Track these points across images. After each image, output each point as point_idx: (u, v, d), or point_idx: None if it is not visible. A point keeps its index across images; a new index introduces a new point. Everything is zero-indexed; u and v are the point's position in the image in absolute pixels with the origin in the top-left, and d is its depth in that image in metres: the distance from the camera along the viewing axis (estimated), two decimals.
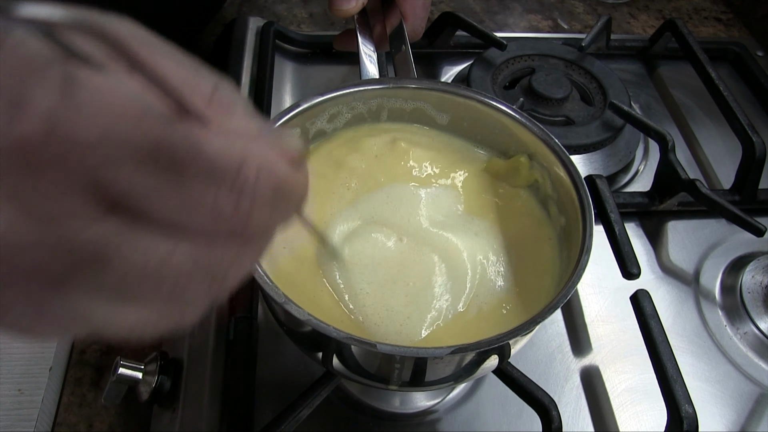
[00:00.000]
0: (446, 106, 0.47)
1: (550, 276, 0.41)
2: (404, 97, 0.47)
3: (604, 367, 0.50)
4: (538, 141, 0.44)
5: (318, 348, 0.38)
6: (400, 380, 0.36)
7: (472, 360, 0.35)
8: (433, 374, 0.36)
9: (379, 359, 0.35)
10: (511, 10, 0.87)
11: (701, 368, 0.51)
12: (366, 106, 0.47)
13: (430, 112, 0.48)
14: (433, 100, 0.47)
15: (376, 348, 0.32)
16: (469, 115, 0.47)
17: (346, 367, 0.37)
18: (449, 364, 0.35)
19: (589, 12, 0.88)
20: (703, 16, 0.88)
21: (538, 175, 0.45)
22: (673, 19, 0.73)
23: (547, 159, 0.43)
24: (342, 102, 0.46)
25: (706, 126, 0.71)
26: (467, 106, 0.46)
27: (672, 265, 0.58)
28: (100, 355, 0.50)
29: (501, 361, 0.39)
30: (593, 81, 0.69)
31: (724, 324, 0.54)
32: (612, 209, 0.54)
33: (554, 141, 0.43)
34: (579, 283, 0.54)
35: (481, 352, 0.34)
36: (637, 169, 0.66)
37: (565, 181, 0.41)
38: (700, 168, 0.67)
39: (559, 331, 0.52)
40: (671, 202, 0.60)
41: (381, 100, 0.47)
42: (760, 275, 0.55)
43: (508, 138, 0.46)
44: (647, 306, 0.48)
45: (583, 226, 0.38)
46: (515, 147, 0.46)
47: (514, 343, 0.37)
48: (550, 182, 0.44)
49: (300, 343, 0.40)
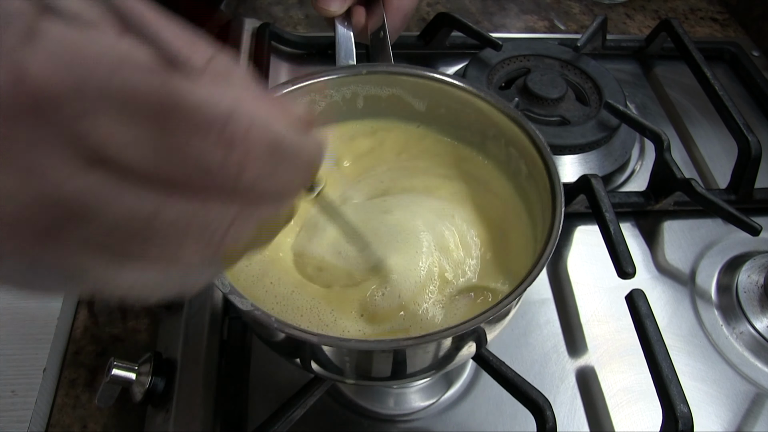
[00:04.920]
0: (422, 92, 0.46)
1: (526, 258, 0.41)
2: (379, 84, 0.46)
3: (599, 367, 0.50)
4: (513, 125, 0.43)
5: (284, 349, 0.38)
6: (375, 372, 0.36)
7: (450, 347, 0.35)
8: (412, 365, 0.36)
9: (352, 354, 0.35)
10: (507, 11, 0.87)
11: (697, 368, 0.51)
12: (340, 94, 0.46)
13: (407, 99, 0.47)
14: (408, 86, 0.46)
15: (348, 343, 0.32)
16: (445, 101, 0.46)
17: (321, 366, 0.37)
18: (426, 353, 0.35)
19: (585, 12, 0.88)
20: (699, 16, 0.88)
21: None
22: (668, 19, 0.73)
23: (522, 144, 0.43)
24: (315, 90, 0.44)
25: (702, 126, 0.71)
26: (442, 91, 0.45)
27: (668, 264, 0.58)
28: (94, 356, 0.50)
29: (479, 346, 0.39)
30: (589, 81, 0.69)
31: (720, 324, 0.53)
32: (607, 209, 0.53)
33: (529, 125, 0.42)
34: (576, 283, 0.55)
35: (457, 338, 0.33)
36: (633, 168, 0.66)
37: (539, 166, 0.41)
38: (696, 168, 0.67)
39: (554, 331, 0.52)
40: (667, 201, 0.59)
41: (355, 87, 0.46)
42: (756, 275, 0.55)
43: (485, 123, 0.45)
44: (642, 305, 0.48)
45: (553, 205, 0.37)
46: (493, 132, 0.45)
47: (489, 329, 0.36)
48: (526, 168, 0.43)
49: (271, 345, 0.40)
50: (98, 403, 0.44)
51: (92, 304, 0.53)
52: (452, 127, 0.48)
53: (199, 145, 0.18)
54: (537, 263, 0.34)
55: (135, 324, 0.52)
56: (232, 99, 0.19)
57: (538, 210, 0.41)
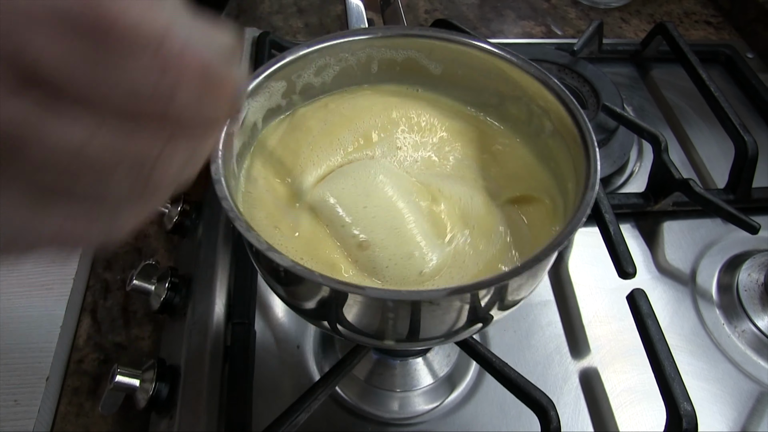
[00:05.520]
0: (438, 54, 0.45)
1: (551, 225, 0.40)
2: (394, 47, 0.45)
3: (602, 368, 0.50)
4: (536, 82, 0.41)
5: (309, 302, 0.35)
6: (394, 333, 0.34)
7: (474, 306, 0.33)
8: (426, 327, 0.34)
9: (373, 308, 0.33)
10: (504, 17, 0.88)
11: (700, 367, 0.51)
12: (355, 57, 0.44)
13: (423, 62, 0.45)
14: (424, 47, 0.44)
15: (365, 292, 0.29)
16: (463, 62, 0.44)
17: (339, 323, 0.35)
18: (449, 311, 0.33)
19: (582, 17, 0.88)
20: (694, 19, 0.89)
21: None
22: (663, 23, 0.74)
23: (546, 100, 0.41)
24: (329, 53, 0.43)
25: (699, 127, 0.71)
26: (460, 52, 0.44)
27: (668, 265, 0.58)
28: (97, 364, 0.50)
29: (502, 307, 0.36)
30: (586, 84, 0.69)
31: (721, 322, 0.54)
32: (606, 210, 0.54)
33: (553, 81, 0.40)
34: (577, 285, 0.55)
35: (481, 295, 0.32)
36: (631, 170, 0.66)
37: (566, 120, 0.39)
38: (694, 169, 0.67)
39: (556, 332, 0.52)
40: (666, 202, 0.60)
41: (370, 51, 0.44)
42: (756, 273, 0.55)
43: (505, 83, 0.43)
44: (643, 305, 0.48)
45: (587, 162, 0.36)
46: (513, 91, 0.43)
47: (516, 288, 0.34)
48: (551, 124, 0.41)
49: (292, 302, 0.37)
50: (102, 411, 0.44)
51: (95, 311, 0.53)
52: (470, 90, 0.46)
53: (132, 65, 0.18)
54: (581, 204, 0.33)
55: (138, 331, 0.52)
56: (166, 20, 0.18)
57: (567, 167, 0.40)
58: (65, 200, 0.19)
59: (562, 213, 0.39)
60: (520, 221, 0.40)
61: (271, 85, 0.41)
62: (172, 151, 0.20)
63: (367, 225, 0.38)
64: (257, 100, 0.40)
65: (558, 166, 0.41)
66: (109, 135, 0.18)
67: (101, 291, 0.54)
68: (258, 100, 0.40)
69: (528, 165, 0.43)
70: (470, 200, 0.40)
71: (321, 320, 0.35)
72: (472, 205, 0.40)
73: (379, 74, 0.46)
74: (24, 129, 0.17)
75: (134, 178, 0.19)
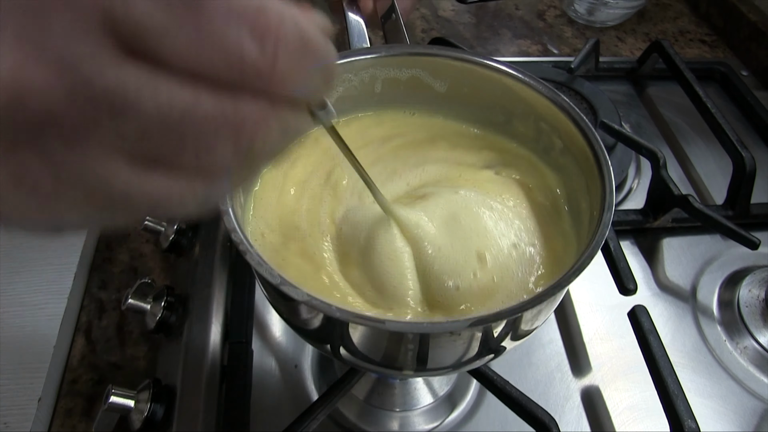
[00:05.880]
0: (443, 72, 0.44)
1: (563, 248, 0.39)
2: (398, 66, 0.44)
3: (604, 386, 0.49)
4: (545, 100, 0.40)
5: (323, 336, 0.35)
6: (413, 362, 0.33)
7: (493, 335, 0.32)
8: (434, 357, 0.33)
9: (387, 339, 0.32)
10: (500, 36, 0.89)
11: (703, 384, 0.50)
12: (358, 78, 0.44)
13: (427, 80, 0.44)
14: (429, 66, 0.44)
15: (385, 326, 0.29)
16: (469, 81, 0.43)
17: (350, 353, 0.34)
18: (467, 340, 0.32)
19: (578, 36, 0.89)
20: (689, 38, 0.90)
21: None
22: (659, 41, 0.75)
23: (555, 118, 0.40)
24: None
25: (697, 144, 0.71)
26: (465, 70, 0.43)
27: (669, 281, 0.58)
28: (92, 384, 0.49)
29: (515, 337, 0.35)
30: (583, 102, 0.70)
31: (723, 339, 0.53)
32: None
33: (562, 98, 0.40)
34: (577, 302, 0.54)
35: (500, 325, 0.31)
36: (630, 187, 0.66)
37: (577, 139, 0.38)
38: (693, 185, 0.67)
39: (557, 350, 0.52)
40: (665, 218, 0.60)
41: (374, 70, 0.44)
42: (757, 289, 0.55)
43: (512, 101, 0.42)
44: (645, 321, 0.47)
45: (602, 183, 0.35)
46: (521, 109, 0.43)
47: (535, 315, 0.34)
48: (561, 142, 0.41)
49: (303, 332, 0.37)
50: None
51: (90, 331, 0.52)
52: (475, 108, 0.45)
53: (233, 32, 0.18)
54: (599, 226, 0.32)
55: (133, 351, 0.51)
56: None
57: (578, 183, 0.39)
58: (168, 165, 0.19)
59: (573, 232, 0.39)
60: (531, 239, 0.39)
61: None
62: (272, 119, 0.20)
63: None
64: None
65: (570, 183, 0.41)
66: (212, 100, 0.18)
67: (96, 310, 0.53)
68: None
69: (542, 174, 0.43)
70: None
71: (324, 344, 0.35)
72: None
73: (382, 95, 0.45)
74: (130, 93, 0.17)
75: (236, 144, 0.20)
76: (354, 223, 0.39)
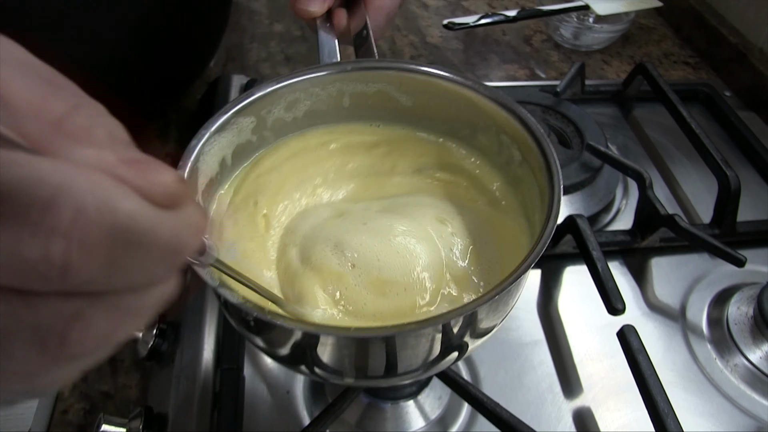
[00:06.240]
0: (407, 85, 0.45)
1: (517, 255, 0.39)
2: (364, 81, 0.45)
3: (595, 406, 0.50)
4: (504, 112, 0.41)
5: (273, 345, 0.35)
6: (372, 369, 0.33)
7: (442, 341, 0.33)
8: (403, 360, 0.33)
9: (345, 346, 0.32)
10: (488, 61, 0.90)
11: (694, 403, 0.50)
12: (326, 92, 0.44)
13: (393, 94, 0.45)
14: (394, 80, 0.45)
15: (349, 332, 0.30)
16: (433, 93, 0.44)
17: (318, 366, 0.34)
18: (417, 346, 0.32)
19: (564, 60, 0.91)
20: (673, 60, 0.91)
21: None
22: (643, 63, 0.76)
23: (514, 129, 0.41)
24: (299, 88, 0.43)
25: (683, 164, 0.72)
26: (428, 83, 0.44)
27: (658, 301, 0.58)
28: (83, 414, 0.49)
29: (461, 348, 0.35)
30: (570, 125, 0.71)
31: (713, 357, 0.53)
32: (594, 247, 0.54)
33: (520, 110, 0.41)
34: (567, 323, 0.55)
35: (448, 328, 0.31)
36: (618, 208, 0.67)
37: (533, 148, 0.39)
38: (680, 205, 0.68)
39: (548, 371, 0.52)
40: (653, 238, 0.60)
41: (341, 85, 0.45)
42: (745, 306, 0.55)
43: (475, 114, 0.43)
44: (634, 341, 0.48)
45: (551, 192, 0.35)
46: (483, 122, 0.44)
47: (482, 319, 0.34)
48: (519, 153, 0.42)
49: (267, 350, 0.36)
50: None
51: None
52: (440, 122, 0.46)
53: (13, 235, 0.15)
54: (542, 234, 0.32)
55: (125, 379, 0.51)
56: (63, 175, 0.16)
57: (533, 196, 0.40)
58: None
59: (527, 243, 0.40)
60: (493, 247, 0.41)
61: (239, 120, 0.41)
62: (93, 314, 0.18)
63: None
64: (224, 136, 0.40)
65: (527, 197, 0.42)
66: (2, 305, 0.17)
67: None
68: (225, 136, 0.40)
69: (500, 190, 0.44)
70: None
71: (298, 365, 0.35)
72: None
73: (351, 109, 0.46)
74: None
75: (41, 345, 0.17)
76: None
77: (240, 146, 0.42)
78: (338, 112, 0.46)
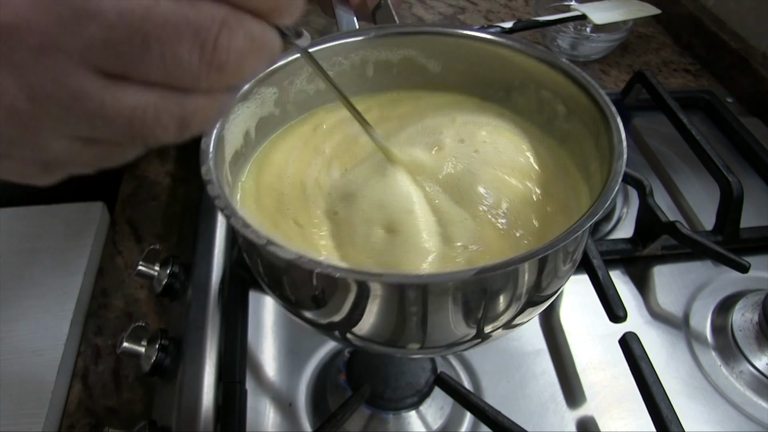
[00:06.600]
0: (436, 49, 0.43)
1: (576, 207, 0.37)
2: (389, 46, 0.43)
3: (599, 415, 0.49)
4: (543, 65, 0.39)
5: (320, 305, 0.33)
6: (419, 334, 0.31)
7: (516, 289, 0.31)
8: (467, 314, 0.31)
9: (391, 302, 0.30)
10: None
11: (700, 411, 0.50)
12: (348, 61, 0.43)
13: (420, 61, 0.43)
14: (421, 44, 0.42)
15: (382, 278, 0.28)
16: (463, 57, 0.42)
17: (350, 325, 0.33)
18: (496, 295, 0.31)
19: None
20: (672, 68, 0.92)
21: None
22: (642, 71, 0.76)
23: (556, 83, 0.39)
24: (321, 57, 0.41)
25: (684, 171, 0.72)
26: (459, 45, 0.42)
27: (660, 309, 0.58)
28: (89, 429, 0.50)
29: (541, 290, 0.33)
30: None
31: (718, 364, 0.53)
32: (594, 255, 0.54)
33: (561, 60, 0.39)
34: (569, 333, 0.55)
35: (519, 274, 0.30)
36: (618, 216, 0.67)
37: (581, 99, 0.37)
38: (682, 213, 0.68)
39: (550, 381, 0.52)
40: (654, 246, 0.60)
41: (365, 53, 0.43)
42: (750, 312, 0.55)
43: (510, 72, 0.41)
44: (636, 348, 0.48)
45: (608, 135, 0.34)
46: (520, 80, 0.42)
47: (553, 266, 0.32)
48: (564, 108, 0.40)
49: (299, 310, 0.35)
50: None
51: (87, 376, 0.53)
52: (472, 86, 0.44)
53: (176, 51, 0.19)
54: (611, 173, 0.31)
55: (130, 395, 0.51)
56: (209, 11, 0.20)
57: (587, 148, 0.38)
58: (138, 79, 0.20)
59: (586, 189, 0.38)
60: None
61: (261, 90, 0.40)
62: (235, 24, 0.21)
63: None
64: (248, 106, 0.39)
65: (579, 150, 0.39)
66: (171, 3, 0.19)
67: (92, 356, 0.54)
68: (249, 106, 0.39)
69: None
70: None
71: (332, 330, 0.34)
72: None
73: (376, 78, 0.44)
74: (89, 98, 0.19)
75: (202, 50, 0.20)
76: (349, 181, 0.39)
77: (263, 120, 0.41)
78: (362, 83, 0.44)
